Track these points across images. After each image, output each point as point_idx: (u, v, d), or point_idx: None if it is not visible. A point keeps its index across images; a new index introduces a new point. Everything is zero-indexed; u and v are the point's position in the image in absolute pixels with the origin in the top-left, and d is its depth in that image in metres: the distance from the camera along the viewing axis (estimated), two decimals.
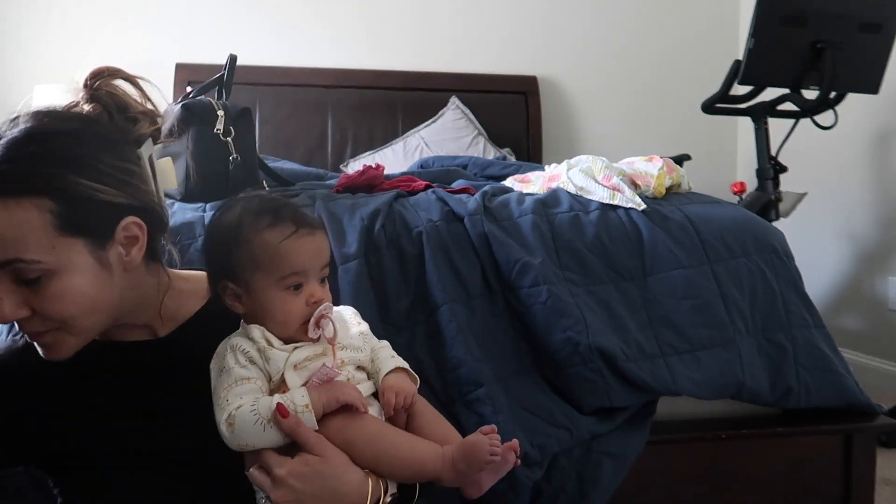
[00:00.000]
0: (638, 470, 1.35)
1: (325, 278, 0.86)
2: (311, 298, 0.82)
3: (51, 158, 0.77)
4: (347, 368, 0.84)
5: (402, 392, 0.83)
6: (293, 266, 0.82)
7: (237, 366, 0.80)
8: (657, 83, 3.54)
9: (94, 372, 0.87)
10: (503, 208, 1.49)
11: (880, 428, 1.52)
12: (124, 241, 0.82)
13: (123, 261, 0.82)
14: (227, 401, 0.78)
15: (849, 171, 2.98)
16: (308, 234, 0.83)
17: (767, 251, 1.54)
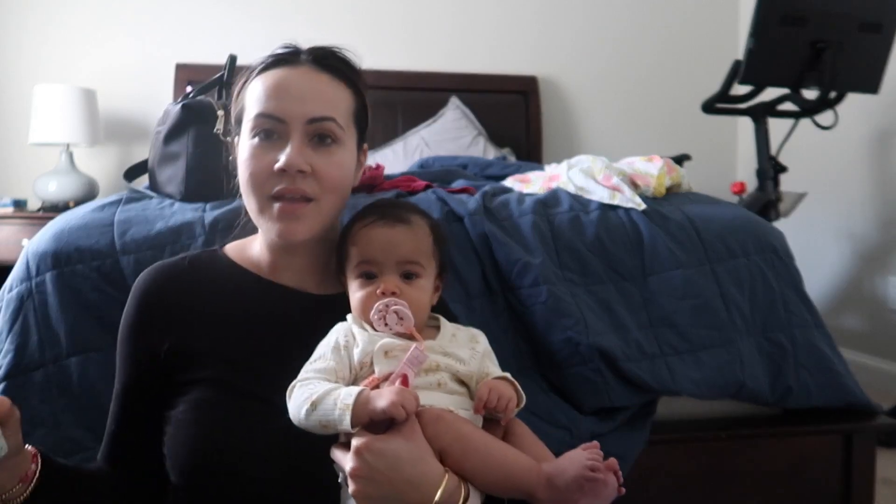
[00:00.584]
0: (638, 470, 1.35)
1: (411, 274, 0.87)
2: (379, 290, 0.84)
3: (353, 69, 0.96)
4: (442, 375, 0.82)
5: (498, 391, 0.80)
6: (362, 254, 0.87)
7: (327, 346, 0.82)
8: (657, 83, 3.54)
9: (248, 303, 0.93)
10: (503, 208, 1.49)
11: (880, 428, 1.52)
12: (361, 159, 0.99)
13: (356, 173, 0.98)
14: (303, 371, 0.80)
15: (849, 171, 2.98)
16: (385, 226, 0.87)
17: (767, 251, 1.54)
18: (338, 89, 0.92)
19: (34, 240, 1.32)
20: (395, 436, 0.74)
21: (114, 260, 1.26)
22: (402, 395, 0.73)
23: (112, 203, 1.44)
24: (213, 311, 0.92)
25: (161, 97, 3.00)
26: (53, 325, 1.23)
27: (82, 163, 2.98)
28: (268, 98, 0.90)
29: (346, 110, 0.93)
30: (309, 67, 0.92)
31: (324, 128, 0.89)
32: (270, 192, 0.88)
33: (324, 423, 0.75)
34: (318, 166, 0.89)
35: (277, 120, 0.89)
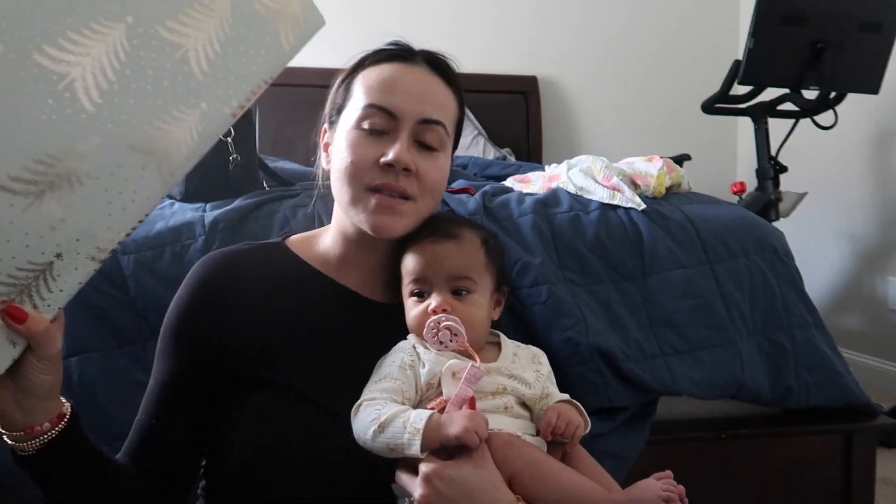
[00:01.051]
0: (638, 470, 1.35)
1: (461, 290, 0.85)
2: (429, 308, 0.83)
3: (457, 76, 0.96)
4: (508, 398, 0.81)
5: (566, 416, 0.79)
6: (412, 272, 0.87)
7: (394, 365, 0.81)
8: (657, 83, 3.54)
9: (311, 302, 0.91)
10: (503, 208, 1.49)
11: (880, 428, 1.52)
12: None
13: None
14: (368, 390, 0.80)
15: (849, 171, 2.98)
16: (432, 242, 0.87)
17: (767, 251, 1.54)
18: (448, 96, 0.93)
19: None
20: (465, 462, 0.72)
21: (113, 259, 1.27)
22: (473, 420, 0.72)
23: None
24: (277, 309, 0.89)
25: None
26: None
27: None
28: (382, 90, 0.88)
29: (452, 118, 0.94)
30: (425, 68, 0.92)
31: (432, 130, 0.89)
32: (370, 183, 0.86)
33: (391, 446, 0.73)
34: (422, 168, 0.88)
35: (389, 114, 0.88)
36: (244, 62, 0.70)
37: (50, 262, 0.65)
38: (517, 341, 0.91)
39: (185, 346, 0.88)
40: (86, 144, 0.63)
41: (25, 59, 0.60)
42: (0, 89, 0.59)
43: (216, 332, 0.86)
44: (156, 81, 0.65)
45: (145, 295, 1.25)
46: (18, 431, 0.73)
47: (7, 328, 0.65)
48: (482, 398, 0.80)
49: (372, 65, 0.92)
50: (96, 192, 0.64)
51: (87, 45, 0.62)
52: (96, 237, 0.66)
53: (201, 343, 0.87)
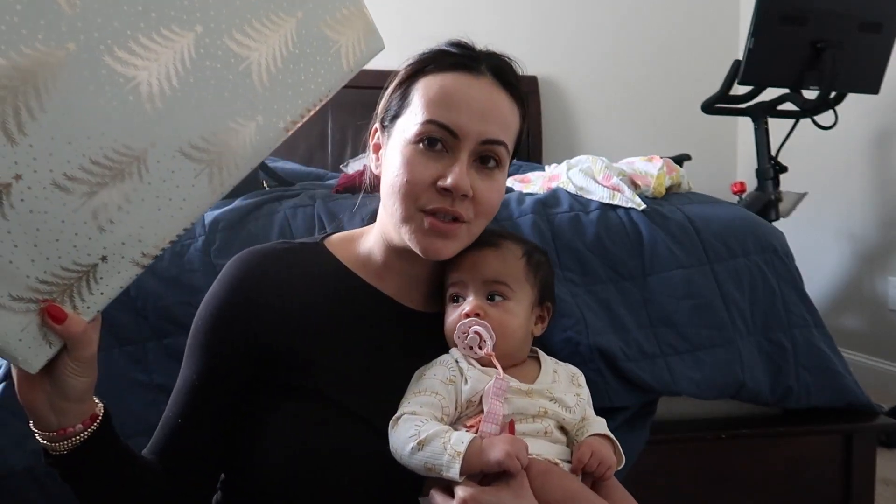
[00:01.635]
0: (638, 470, 1.35)
1: (496, 295, 0.85)
2: (463, 311, 0.83)
3: (522, 85, 0.90)
4: (548, 422, 0.80)
5: (599, 455, 0.78)
6: (451, 277, 0.87)
7: (435, 378, 0.80)
8: (657, 83, 3.54)
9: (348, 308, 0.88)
10: (503, 208, 1.49)
11: (880, 428, 1.52)
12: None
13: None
14: (408, 402, 0.78)
15: (849, 171, 2.98)
16: (473, 249, 0.86)
17: (767, 251, 1.54)
18: (512, 111, 0.87)
19: None
20: (503, 489, 0.70)
21: None
22: (515, 445, 0.71)
23: None
24: (314, 313, 0.85)
25: None
26: None
27: None
28: (444, 106, 0.83)
29: (514, 133, 0.88)
30: (491, 81, 0.86)
31: (493, 150, 0.85)
32: (425, 205, 0.82)
33: (429, 466, 0.72)
34: (479, 190, 0.84)
35: (450, 132, 0.82)
36: (303, 79, 0.71)
37: (94, 264, 0.65)
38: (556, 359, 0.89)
39: (219, 345, 0.84)
40: (142, 149, 0.63)
41: (96, 60, 0.61)
42: (66, 87, 0.60)
43: (252, 334, 0.83)
44: (217, 91, 0.66)
45: (145, 295, 1.25)
46: (52, 432, 0.72)
47: (45, 327, 0.65)
48: (523, 420, 0.78)
49: (434, 72, 0.86)
50: (147, 197, 0.65)
51: (156, 51, 0.63)
52: (142, 242, 0.66)
53: (236, 344, 0.84)
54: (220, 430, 0.85)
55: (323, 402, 0.81)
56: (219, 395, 0.84)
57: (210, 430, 0.85)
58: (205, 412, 0.85)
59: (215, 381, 0.84)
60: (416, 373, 0.83)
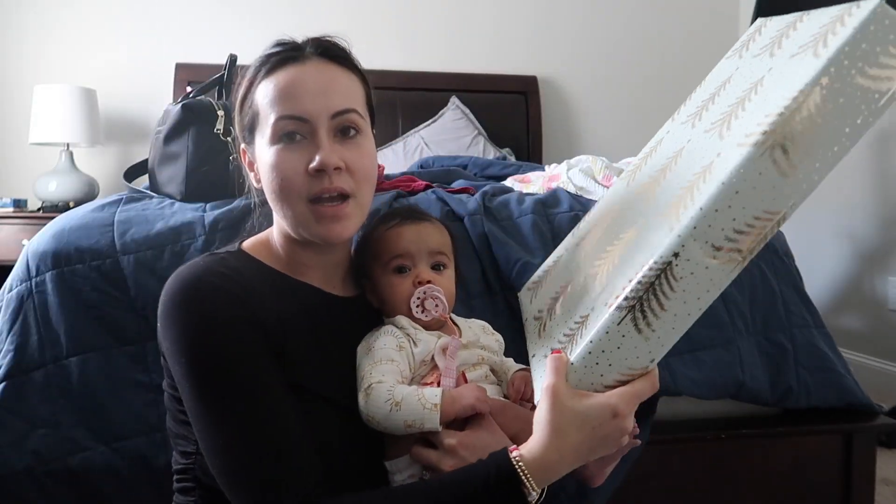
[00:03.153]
0: (638, 470, 1.35)
1: (439, 265, 0.93)
2: (416, 279, 0.90)
3: (353, 57, 0.94)
4: (485, 368, 0.90)
5: (532, 385, 0.87)
6: (394, 249, 0.91)
7: (386, 348, 0.86)
8: (657, 83, 3.54)
9: (284, 302, 0.88)
10: (503, 208, 1.49)
11: (880, 428, 1.52)
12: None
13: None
14: (371, 374, 0.84)
15: (849, 171, 2.98)
16: (411, 223, 0.93)
17: (767, 251, 1.54)
18: (350, 79, 0.91)
19: (34, 240, 1.32)
20: (480, 429, 0.81)
21: (114, 260, 1.27)
22: (480, 391, 0.82)
23: (112, 203, 1.44)
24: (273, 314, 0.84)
25: (161, 97, 3.00)
26: (53, 325, 1.23)
27: (82, 163, 2.98)
28: (284, 99, 0.86)
29: (361, 99, 0.92)
30: (318, 60, 0.89)
31: (348, 120, 0.88)
32: (308, 195, 0.85)
33: (409, 423, 0.80)
34: (350, 160, 0.87)
35: (300, 120, 0.86)
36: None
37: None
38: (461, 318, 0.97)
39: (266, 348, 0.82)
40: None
41: (847, 83, 0.67)
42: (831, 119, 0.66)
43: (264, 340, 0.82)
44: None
45: (145, 295, 1.25)
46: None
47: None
48: (468, 370, 0.88)
49: (266, 76, 0.89)
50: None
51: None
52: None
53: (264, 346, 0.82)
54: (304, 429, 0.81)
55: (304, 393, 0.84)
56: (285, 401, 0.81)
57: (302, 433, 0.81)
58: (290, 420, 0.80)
59: (273, 376, 0.81)
60: (361, 348, 0.88)
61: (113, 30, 3.10)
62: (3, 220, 2.65)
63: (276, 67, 0.88)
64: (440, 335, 0.88)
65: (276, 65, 0.89)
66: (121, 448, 1.19)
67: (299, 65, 0.88)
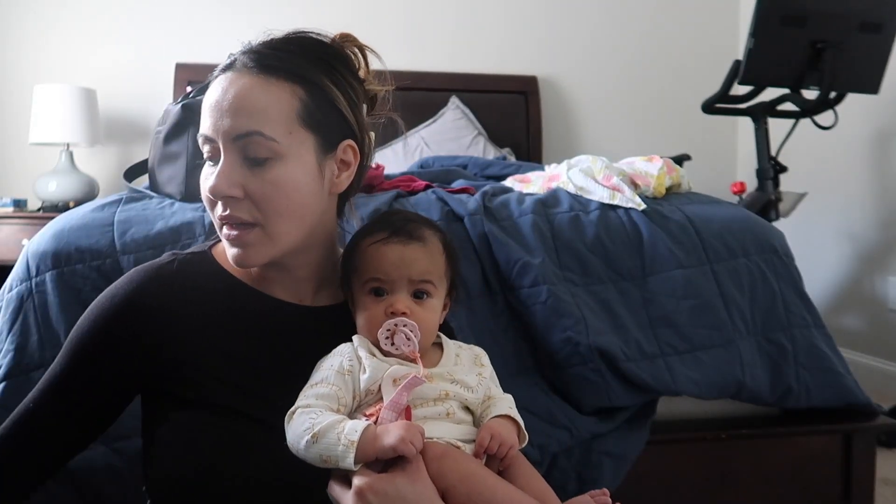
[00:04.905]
0: (638, 470, 1.35)
1: (422, 293, 0.82)
2: (389, 308, 0.80)
3: (310, 56, 0.84)
4: (451, 404, 0.79)
5: (500, 438, 0.77)
6: (373, 270, 0.81)
7: (332, 369, 0.78)
8: (657, 83, 3.54)
9: (240, 317, 0.85)
10: (503, 208, 1.49)
11: (880, 428, 1.52)
12: (340, 162, 0.86)
13: (333, 181, 0.86)
14: (303, 395, 0.76)
15: (849, 171, 2.98)
16: (399, 243, 0.82)
17: (767, 251, 1.54)
18: (269, 92, 0.79)
19: (34, 240, 1.32)
20: (399, 475, 0.70)
21: (114, 260, 1.27)
22: (409, 430, 0.70)
23: (112, 203, 1.44)
24: (203, 323, 0.83)
25: (161, 97, 3.00)
26: (53, 325, 1.23)
27: (82, 163, 2.98)
28: (203, 115, 0.81)
29: (282, 115, 0.80)
30: (240, 73, 0.80)
31: (249, 143, 0.78)
32: (217, 216, 0.82)
33: (325, 458, 0.71)
34: (251, 189, 0.79)
35: (209, 140, 0.81)
36: None
37: None
38: (459, 341, 0.89)
39: (93, 351, 0.82)
40: None
41: None
42: None
43: (134, 345, 0.81)
44: None
45: None
46: None
47: None
48: (424, 405, 0.78)
49: (209, 86, 0.83)
50: None
51: None
52: None
53: (115, 355, 0.82)
54: (63, 428, 0.83)
55: (214, 410, 0.79)
56: (78, 396, 0.83)
57: (54, 424, 0.83)
58: (58, 406, 0.83)
59: (79, 382, 0.83)
60: (317, 364, 0.81)
61: (113, 30, 3.10)
62: (3, 220, 2.65)
63: (215, 76, 0.83)
64: (399, 363, 0.78)
65: (217, 73, 0.83)
66: (121, 448, 1.19)
67: (226, 75, 0.81)
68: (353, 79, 0.88)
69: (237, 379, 0.82)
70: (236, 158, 0.79)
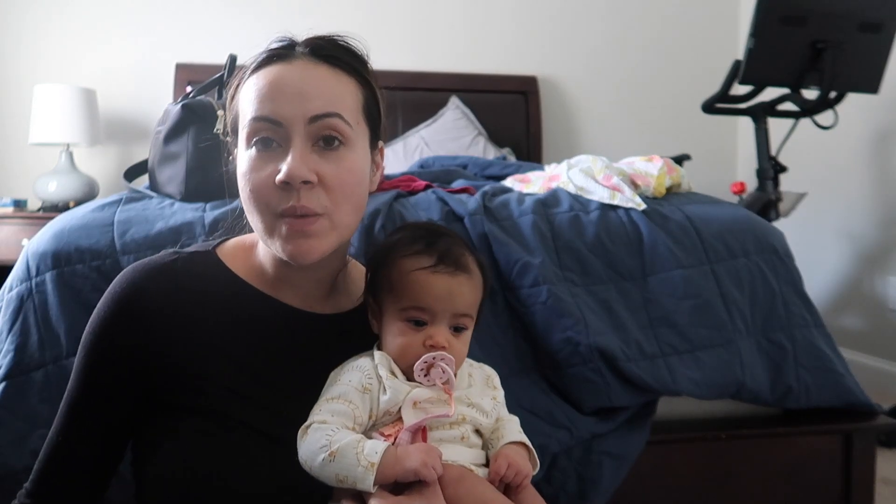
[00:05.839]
0: (638, 470, 1.35)
1: (461, 328, 0.80)
2: (429, 341, 0.78)
3: (359, 57, 0.86)
4: (466, 427, 0.78)
5: (516, 466, 0.77)
6: (417, 300, 0.78)
7: (350, 385, 0.76)
8: (657, 83, 3.54)
9: (244, 321, 0.83)
10: (503, 208, 1.49)
11: (880, 428, 1.52)
12: (377, 160, 0.89)
13: (372, 178, 0.88)
14: (319, 410, 0.75)
15: (849, 171, 2.98)
16: (447, 274, 0.79)
17: (767, 251, 1.54)
18: (341, 81, 0.81)
19: (34, 240, 1.32)
20: (416, 498, 0.69)
21: (114, 260, 1.27)
22: (431, 455, 0.70)
23: (112, 203, 1.44)
24: (208, 327, 0.81)
25: (161, 97, 3.00)
26: (53, 325, 1.23)
27: (82, 163, 2.98)
28: (262, 99, 0.79)
29: (353, 104, 0.82)
30: (306, 61, 0.81)
31: (329, 125, 0.78)
32: (276, 209, 0.78)
33: (341, 478, 0.70)
34: (326, 173, 0.78)
35: (274, 123, 0.78)
36: None
37: None
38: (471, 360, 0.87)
39: (102, 363, 0.81)
40: None
41: None
42: None
43: (137, 352, 0.79)
44: None
45: None
46: None
47: None
48: (440, 427, 0.77)
49: (252, 74, 0.82)
50: None
51: None
52: None
53: (120, 363, 0.80)
54: (98, 450, 0.82)
55: (221, 421, 0.78)
56: (100, 414, 0.81)
57: (88, 450, 0.82)
58: (84, 431, 0.81)
59: (97, 399, 0.81)
60: (332, 375, 0.79)
61: (113, 30, 3.10)
62: (3, 220, 2.65)
63: (262, 66, 0.82)
64: (417, 385, 0.76)
65: (263, 63, 0.82)
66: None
67: (285, 64, 0.81)
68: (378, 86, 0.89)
69: (242, 386, 0.80)
70: (307, 144, 0.79)
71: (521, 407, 1.30)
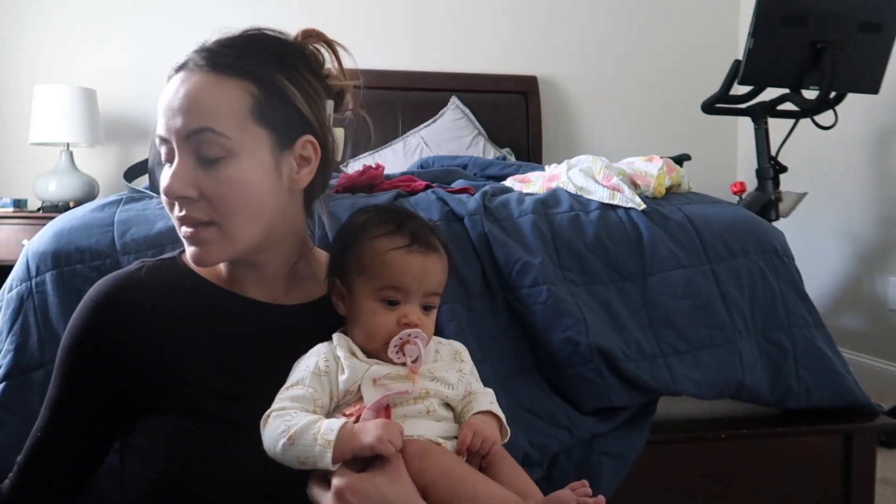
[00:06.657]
0: (638, 470, 1.35)
1: (430, 307, 0.82)
2: (403, 319, 0.79)
3: (263, 52, 0.84)
4: (431, 401, 0.78)
5: (482, 434, 0.76)
6: (392, 279, 0.79)
7: (307, 370, 0.77)
8: (657, 83, 3.54)
9: (212, 318, 0.85)
10: (503, 208, 1.49)
11: (880, 428, 1.52)
12: (299, 158, 0.85)
13: (293, 177, 0.85)
14: (279, 398, 0.76)
15: (849, 171, 2.98)
16: (420, 253, 0.81)
17: (767, 251, 1.54)
18: (221, 89, 0.79)
19: (34, 240, 1.32)
20: (379, 474, 0.69)
21: (114, 260, 1.26)
22: (388, 429, 0.69)
23: (112, 203, 1.44)
24: (175, 328, 0.83)
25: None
26: (53, 325, 1.23)
27: (82, 163, 2.98)
28: (159, 116, 0.81)
29: (236, 111, 0.79)
30: (192, 72, 0.80)
31: (202, 140, 0.78)
32: (176, 216, 0.82)
33: (302, 460, 0.70)
34: (205, 188, 0.79)
35: (164, 140, 0.81)
36: None
37: None
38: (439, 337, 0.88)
39: (80, 367, 0.83)
40: None
41: None
42: None
43: (110, 357, 0.82)
44: None
45: None
46: None
47: None
48: (404, 403, 0.77)
49: (165, 88, 0.83)
50: None
51: None
52: None
53: (96, 365, 0.82)
54: (77, 449, 0.84)
55: (192, 415, 0.79)
56: (78, 412, 0.83)
57: (68, 448, 0.84)
58: (63, 429, 0.84)
59: (74, 398, 0.83)
60: (295, 364, 0.80)
61: (113, 30, 3.10)
62: (3, 220, 2.65)
63: (169, 77, 0.83)
64: (378, 363, 0.77)
65: (171, 74, 0.83)
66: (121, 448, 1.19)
67: (175, 77, 0.81)
68: (311, 74, 0.87)
69: (212, 381, 0.81)
70: (190, 158, 0.79)
71: (521, 407, 1.30)
